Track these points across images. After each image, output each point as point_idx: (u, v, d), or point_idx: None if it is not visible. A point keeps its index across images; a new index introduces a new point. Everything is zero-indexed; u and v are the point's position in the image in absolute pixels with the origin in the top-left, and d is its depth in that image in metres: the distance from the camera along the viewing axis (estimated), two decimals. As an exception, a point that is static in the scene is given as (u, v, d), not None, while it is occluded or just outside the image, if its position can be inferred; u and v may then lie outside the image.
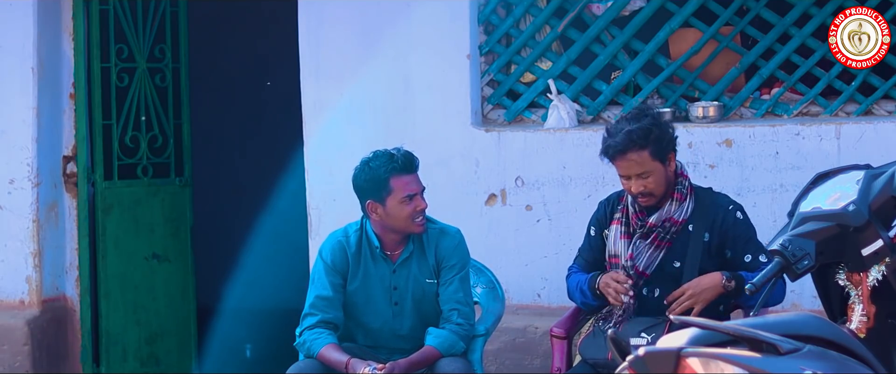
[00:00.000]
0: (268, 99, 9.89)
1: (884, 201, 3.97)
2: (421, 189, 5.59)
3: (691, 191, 5.45)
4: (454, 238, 5.70)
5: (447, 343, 5.58)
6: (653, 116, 5.38)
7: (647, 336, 5.24)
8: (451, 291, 5.63)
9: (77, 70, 7.68)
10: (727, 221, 5.40)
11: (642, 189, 5.33)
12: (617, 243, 5.48)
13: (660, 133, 5.32)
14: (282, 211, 8.46)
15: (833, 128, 6.46)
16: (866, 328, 3.97)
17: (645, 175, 5.32)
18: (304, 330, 5.62)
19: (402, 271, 5.67)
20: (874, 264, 3.96)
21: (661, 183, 5.35)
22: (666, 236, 5.37)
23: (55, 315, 7.71)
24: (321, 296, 5.64)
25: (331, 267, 5.66)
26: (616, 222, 5.50)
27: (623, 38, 6.90)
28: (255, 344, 8.76)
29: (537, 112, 7.05)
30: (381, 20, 7.04)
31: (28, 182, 7.58)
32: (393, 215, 5.55)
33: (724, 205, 5.45)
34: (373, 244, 5.65)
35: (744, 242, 5.39)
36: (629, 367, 3.23)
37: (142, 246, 7.89)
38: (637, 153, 5.30)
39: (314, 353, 5.56)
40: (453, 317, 5.62)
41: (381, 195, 5.53)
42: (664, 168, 5.34)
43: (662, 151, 5.32)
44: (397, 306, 5.67)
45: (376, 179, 5.52)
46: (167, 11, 7.89)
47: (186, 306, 8.04)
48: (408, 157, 5.57)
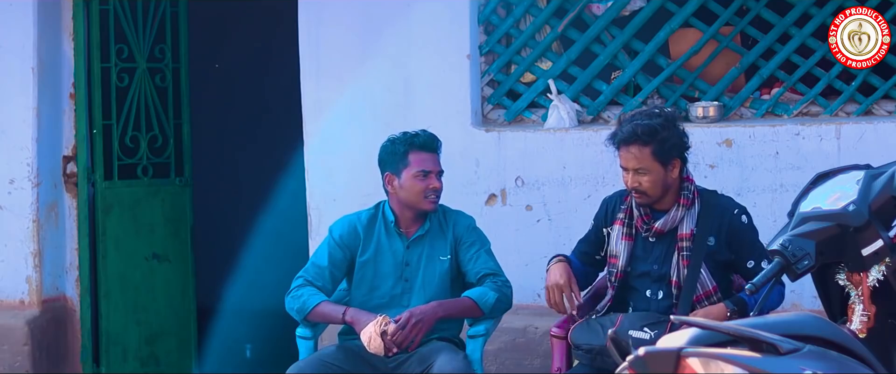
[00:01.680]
0: (268, 99, 9.89)
1: (884, 201, 3.98)
2: (437, 170, 5.75)
3: (697, 195, 5.44)
4: (470, 219, 5.88)
5: (478, 292, 5.67)
6: (667, 117, 5.37)
7: (649, 331, 5.25)
8: (480, 263, 5.74)
9: (77, 70, 7.68)
10: (733, 226, 5.41)
11: (637, 185, 5.34)
12: (618, 243, 5.49)
13: (667, 135, 5.32)
14: (282, 211, 8.47)
15: (833, 128, 6.46)
16: (866, 328, 3.97)
17: (642, 172, 5.32)
18: (292, 290, 5.74)
19: (416, 248, 5.78)
20: (874, 264, 3.96)
21: (657, 185, 5.34)
22: (687, 251, 5.37)
23: (55, 315, 7.71)
24: (315, 263, 5.81)
25: (336, 242, 5.81)
26: (619, 222, 5.51)
27: (623, 38, 6.90)
28: (255, 344, 8.77)
29: (537, 112, 7.05)
30: (381, 20, 7.05)
31: (28, 182, 7.58)
32: (406, 189, 5.71)
33: (730, 209, 5.45)
34: (388, 220, 5.79)
35: (748, 247, 5.40)
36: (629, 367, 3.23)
37: (142, 246, 7.89)
38: (639, 148, 5.31)
39: (309, 308, 5.68)
40: (487, 280, 5.71)
41: (397, 168, 5.73)
42: (664, 171, 5.33)
43: (665, 154, 5.32)
44: (407, 282, 5.76)
45: (396, 151, 5.75)
46: (167, 11, 7.89)
47: (186, 306, 8.04)
48: (430, 137, 5.80)
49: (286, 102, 8.04)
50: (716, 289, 5.37)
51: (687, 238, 5.37)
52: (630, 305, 5.48)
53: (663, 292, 5.41)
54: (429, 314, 5.58)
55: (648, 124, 5.31)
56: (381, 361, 5.65)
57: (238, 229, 8.90)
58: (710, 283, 5.36)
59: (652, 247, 5.44)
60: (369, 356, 5.62)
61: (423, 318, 5.56)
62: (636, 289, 5.47)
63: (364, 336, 5.54)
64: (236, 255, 8.79)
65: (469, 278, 5.77)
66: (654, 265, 5.43)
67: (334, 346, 5.82)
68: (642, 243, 5.46)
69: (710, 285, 5.36)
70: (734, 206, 5.48)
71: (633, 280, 5.48)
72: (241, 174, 10.00)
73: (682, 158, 5.38)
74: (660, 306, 5.40)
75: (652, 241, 5.44)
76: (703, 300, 5.35)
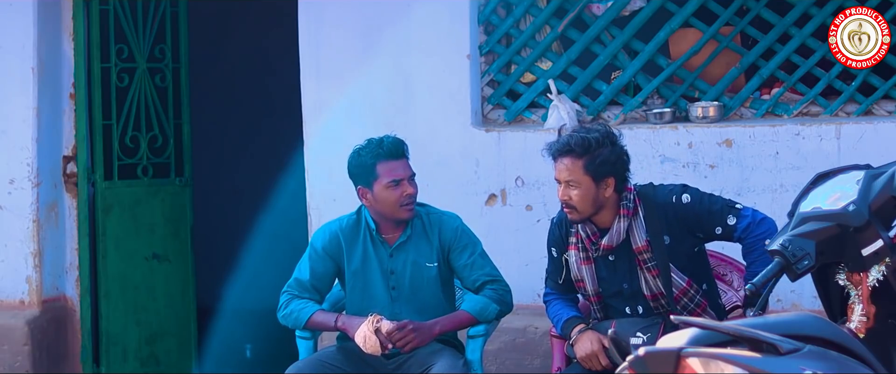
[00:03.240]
0: (268, 99, 9.89)
1: (884, 201, 3.97)
2: (408, 175, 5.64)
3: (639, 202, 5.31)
4: (456, 220, 5.76)
5: (479, 306, 5.62)
6: (604, 134, 5.24)
7: (643, 335, 5.22)
8: (477, 270, 5.67)
9: (77, 70, 7.68)
10: (679, 213, 5.27)
11: (567, 199, 5.23)
12: (580, 269, 5.38)
13: (602, 152, 5.19)
14: (282, 211, 8.46)
15: (833, 128, 6.46)
16: (866, 328, 3.97)
17: (572, 185, 5.21)
18: (281, 307, 5.71)
19: (400, 255, 5.70)
20: (874, 264, 3.96)
21: (587, 201, 5.21)
22: (651, 262, 5.27)
23: (55, 315, 7.71)
24: (298, 278, 5.74)
25: (318, 252, 5.74)
26: (573, 247, 5.40)
27: (623, 38, 6.90)
28: (255, 344, 8.76)
29: (537, 112, 7.05)
30: (381, 20, 7.05)
31: (28, 182, 7.58)
32: (381, 201, 5.62)
33: (668, 199, 5.30)
34: (371, 227, 5.71)
35: (707, 218, 5.25)
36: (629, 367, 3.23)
37: (142, 246, 7.89)
38: (571, 160, 5.21)
39: (303, 321, 5.65)
40: (486, 288, 5.65)
41: (368, 181, 5.62)
42: (595, 187, 5.20)
43: (597, 170, 5.18)
44: (395, 291, 5.70)
45: (364, 165, 5.63)
46: (167, 11, 7.89)
47: (186, 307, 8.04)
48: (395, 143, 5.67)
49: (286, 102, 8.04)
50: (690, 283, 5.29)
51: (645, 250, 5.26)
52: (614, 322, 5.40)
53: (643, 307, 5.34)
54: (426, 330, 5.54)
55: (583, 137, 5.20)
56: (381, 362, 5.65)
57: (238, 229, 8.90)
58: (683, 280, 5.28)
59: (614, 265, 5.34)
60: (369, 358, 5.61)
61: (421, 330, 5.52)
62: (615, 308, 5.39)
63: (358, 338, 5.51)
64: (236, 255, 8.79)
65: (467, 284, 5.72)
66: (623, 284, 5.33)
67: (334, 346, 5.81)
68: (604, 264, 5.35)
69: (683, 282, 5.29)
70: (671, 193, 5.31)
71: (609, 300, 5.39)
72: (241, 174, 10.00)
73: (617, 176, 5.23)
74: (644, 321, 5.36)
75: (612, 259, 5.33)
76: (681, 299, 5.30)
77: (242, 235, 8.81)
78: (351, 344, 5.65)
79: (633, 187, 5.33)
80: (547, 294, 5.58)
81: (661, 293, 5.28)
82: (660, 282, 5.26)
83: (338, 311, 5.84)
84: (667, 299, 5.27)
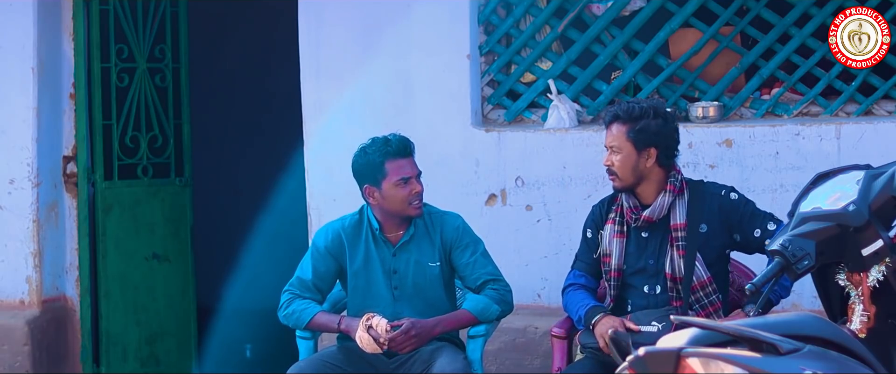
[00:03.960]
0: (268, 99, 9.89)
1: (884, 201, 3.98)
2: (416, 173, 5.67)
3: (686, 186, 5.45)
4: (458, 219, 5.79)
5: (480, 305, 5.63)
6: (655, 108, 5.40)
7: (658, 324, 5.26)
8: (479, 268, 5.69)
9: (77, 70, 7.68)
10: (724, 206, 5.40)
11: (610, 164, 5.39)
12: (610, 242, 5.49)
13: (648, 123, 5.34)
14: (282, 211, 8.47)
15: (833, 128, 6.46)
16: (866, 328, 3.97)
17: (615, 150, 5.38)
18: (282, 306, 5.71)
19: (402, 254, 5.71)
20: (874, 264, 3.96)
21: (627, 168, 5.36)
22: (682, 241, 5.37)
23: (55, 315, 7.71)
24: (300, 277, 5.75)
25: (320, 251, 5.75)
26: (610, 221, 5.51)
27: (623, 38, 6.90)
28: (255, 344, 8.77)
29: (537, 112, 7.05)
30: (381, 20, 7.05)
31: (28, 182, 7.58)
32: (389, 199, 5.63)
33: (717, 192, 5.45)
34: (373, 227, 5.72)
35: (748, 219, 5.39)
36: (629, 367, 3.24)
37: (142, 246, 7.89)
38: (617, 126, 5.38)
39: (305, 322, 5.66)
40: (487, 287, 5.67)
41: (376, 179, 5.63)
42: (636, 156, 5.35)
43: (641, 138, 5.34)
44: (397, 290, 5.71)
45: (372, 163, 5.64)
46: (167, 11, 7.89)
47: (186, 307, 8.04)
48: (402, 141, 5.69)
49: (286, 102, 8.05)
50: (710, 280, 5.34)
51: (682, 228, 5.36)
52: (628, 302, 5.47)
53: (661, 287, 5.41)
54: (426, 330, 5.55)
55: (631, 106, 5.40)
56: (382, 361, 5.65)
57: (238, 229, 8.90)
58: (705, 274, 5.34)
59: (645, 242, 5.44)
60: (370, 357, 5.62)
61: (421, 333, 5.53)
62: (633, 286, 5.46)
63: (359, 341, 5.53)
64: (236, 255, 8.79)
65: (468, 284, 5.73)
66: (649, 260, 5.42)
67: (335, 346, 5.81)
68: (636, 240, 5.46)
69: (704, 276, 5.34)
70: (720, 188, 5.48)
71: (629, 277, 5.46)
72: (241, 174, 10.00)
73: (660, 148, 5.36)
74: (658, 302, 5.39)
75: (645, 236, 5.44)
76: (697, 291, 5.34)
77: (242, 235, 8.82)
78: (352, 344, 5.65)
79: (679, 170, 5.45)
80: (569, 276, 5.63)
81: (681, 277, 5.34)
82: (683, 264, 5.33)
83: (338, 311, 5.85)
84: (684, 285, 5.31)
